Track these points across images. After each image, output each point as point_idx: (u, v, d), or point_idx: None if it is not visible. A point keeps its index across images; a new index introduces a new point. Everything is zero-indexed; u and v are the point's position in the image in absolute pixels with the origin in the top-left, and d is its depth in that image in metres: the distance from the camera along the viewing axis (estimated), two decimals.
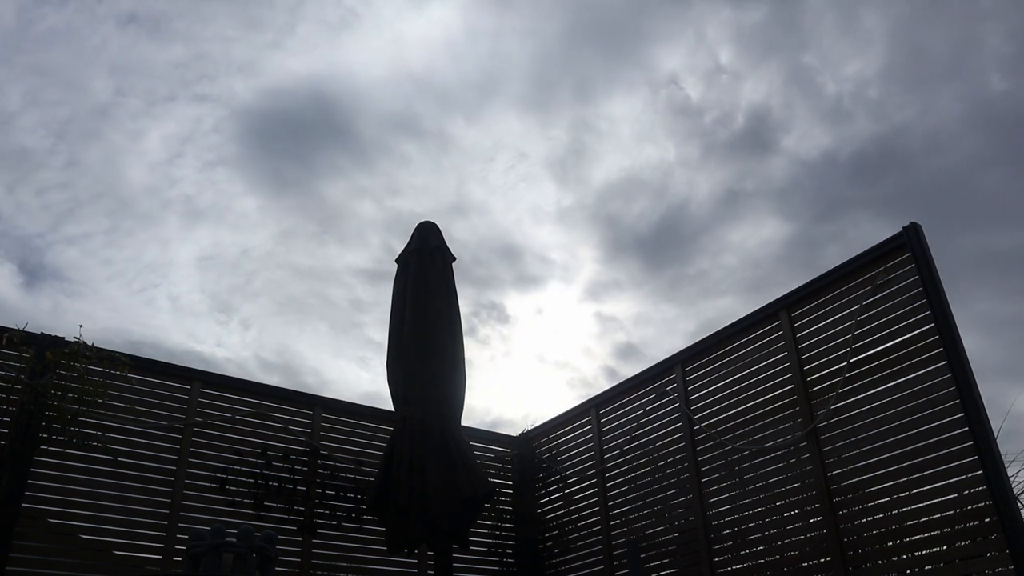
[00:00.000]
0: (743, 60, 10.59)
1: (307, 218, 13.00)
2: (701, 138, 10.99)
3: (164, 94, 11.60)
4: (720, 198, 11.23)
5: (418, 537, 4.48)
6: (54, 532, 4.67)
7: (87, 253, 12.48)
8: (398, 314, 5.08)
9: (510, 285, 13.28)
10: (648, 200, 11.56)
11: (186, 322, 13.62)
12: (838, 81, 10.30)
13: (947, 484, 3.95)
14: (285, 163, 12.19)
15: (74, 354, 4.55)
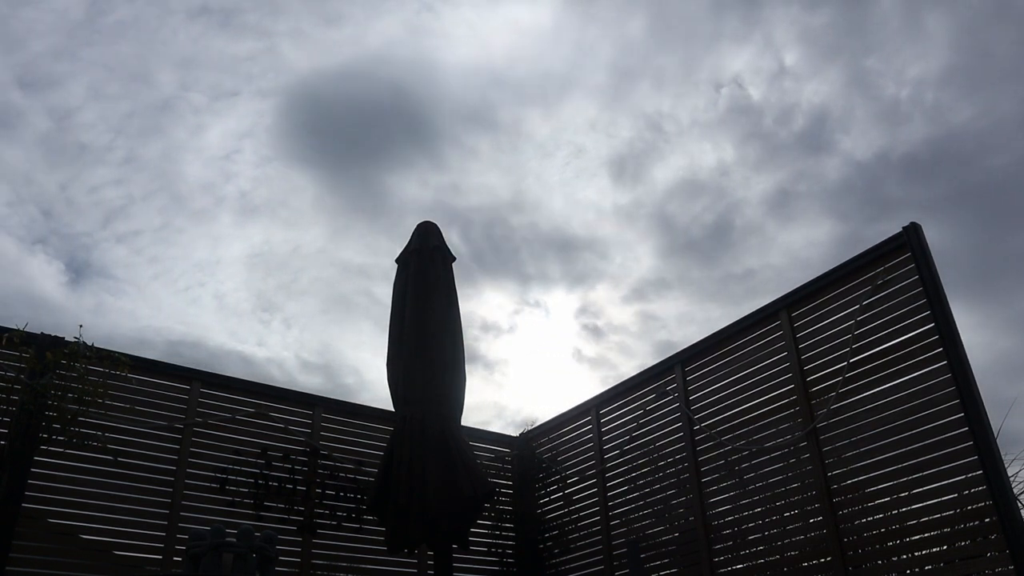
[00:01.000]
0: (807, 62, 10.61)
1: (363, 214, 12.83)
2: (760, 139, 10.99)
3: (228, 88, 11.40)
4: (773, 198, 11.22)
5: (418, 537, 4.48)
6: (54, 532, 4.67)
7: (135, 251, 12.37)
8: (398, 314, 5.08)
9: (558, 281, 13.16)
10: (703, 199, 11.54)
11: (229, 321, 13.56)
12: (898, 83, 10.32)
13: (947, 484, 3.95)
14: (347, 159, 12.02)
15: (74, 354, 4.55)
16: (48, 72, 10.92)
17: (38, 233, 12.35)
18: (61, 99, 11.18)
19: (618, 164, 11.75)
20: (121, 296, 12.94)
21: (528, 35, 11.16)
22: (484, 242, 12.79)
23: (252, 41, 11.22)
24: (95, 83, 11.09)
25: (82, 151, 11.26)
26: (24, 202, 11.84)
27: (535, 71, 11.41)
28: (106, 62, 10.96)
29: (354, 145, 11.84)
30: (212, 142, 11.72)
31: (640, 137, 11.43)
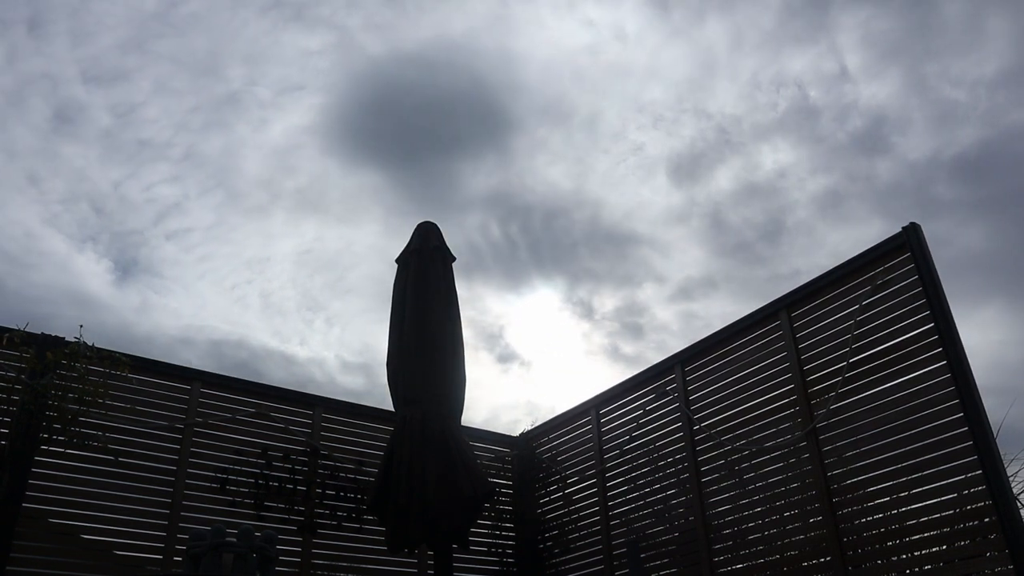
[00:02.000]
0: (867, 64, 10.61)
1: (423, 209, 12.69)
2: (816, 140, 10.98)
3: (295, 82, 11.26)
4: (825, 199, 11.20)
5: (418, 537, 4.48)
6: (55, 532, 4.68)
7: (184, 249, 12.29)
8: (398, 314, 5.08)
9: (606, 278, 13.07)
10: (757, 200, 11.53)
11: (273, 320, 13.49)
12: (956, 85, 10.31)
13: (947, 484, 3.95)
14: (413, 154, 11.90)
15: (74, 354, 4.55)
16: (115, 66, 10.77)
17: (88, 231, 12.26)
18: (125, 94, 11.02)
19: (676, 163, 11.72)
20: (166, 294, 12.85)
21: (603, 34, 11.12)
22: (542, 235, 12.64)
23: (323, 34, 11.05)
24: (162, 77, 10.94)
25: (141, 147, 11.13)
26: (77, 199, 11.76)
27: (606, 68, 11.36)
28: (175, 56, 10.80)
29: (421, 140, 11.73)
30: (274, 137, 11.58)
31: (701, 137, 11.43)
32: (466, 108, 11.54)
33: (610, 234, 12.50)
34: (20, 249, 11.71)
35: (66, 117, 11.08)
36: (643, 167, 11.90)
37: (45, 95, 10.94)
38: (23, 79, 10.76)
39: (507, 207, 12.11)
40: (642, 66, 11.28)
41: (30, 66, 10.66)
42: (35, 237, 11.91)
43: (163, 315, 12.98)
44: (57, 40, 10.53)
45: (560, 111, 11.79)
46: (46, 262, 12.01)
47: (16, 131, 10.99)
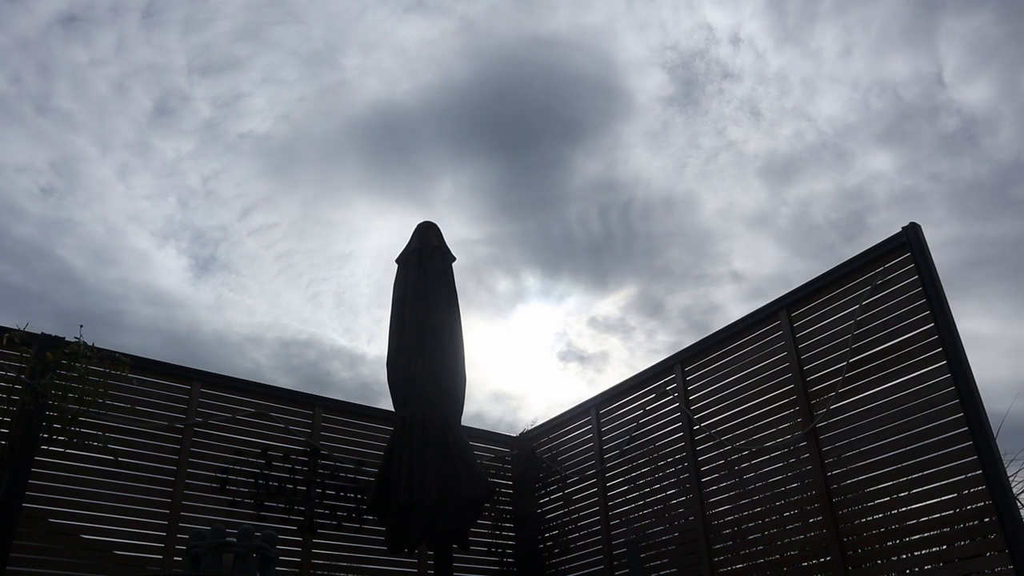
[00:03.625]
0: (963, 67, 10.51)
1: (522, 201, 12.42)
2: (907, 141, 10.91)
3: (407, 71, 11.01)
4: (908, 199, 11.11)
5: (418, 537, 4.48)
6: (55, 532, 4.68)
7: (266, 245, 12.07)
8: (398, 314, 5.08)
9: (683, 276, 12.92)
10: (839, 200, 11.44)
11: (344, 318, 13.28)
12: None
13: (946, 484, 3.95)
14: (519, 148, 11.75)
15: (74, 354, 4.54)
16: (225, 55, 10.58)
17: (172, 227, 12.08)
18: (231, 84, 10.81)
19: (770, 161, 11.65)
20: (241, 292, 12.73)
21: (720, 34, 11.08)
22: (630, 228, 12.50)
23: (443, 23, 10.85)
24: (271, 67, 10.72)
25: (239, 140, 10.91)
26: (165, 194, 11.60)
27: (714, 67, 11.30)
28: (289, 44, 10.58)
29: (527, 134, 11.56)
30: (380, 127, 11.46)
31: (798, 136, 11.36)
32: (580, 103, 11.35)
33: (695, 230, 12.36)
34: (100, 246, 11.62)
35: (166, 109, 10.90)
36: (736, 164, 11.81)
37: (147, 86, 10.76)
38: (128, 69, 10.55)
39: (606, 198, 11.99)
40: (749, 66, 11.22)
41: (137, 55, 10.47)
42: (117, 233, 11.80)
43: (236, 313, 12.87)
44: (169, 28, 10.31)
45: (664, 106, 11.70)
46: (125, 259, 11.92)
47: (114, 123, 10.86)
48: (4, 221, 11.11)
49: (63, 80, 10.52)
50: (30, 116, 10.52)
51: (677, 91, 11.55)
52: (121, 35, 10.35)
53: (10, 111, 10.45)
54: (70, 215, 11.59)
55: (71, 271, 11.59)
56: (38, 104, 10.58)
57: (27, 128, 10.62)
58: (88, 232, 11.64)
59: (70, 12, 10.05)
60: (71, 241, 11.62)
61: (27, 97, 10.44)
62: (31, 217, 11.28)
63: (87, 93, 10.57)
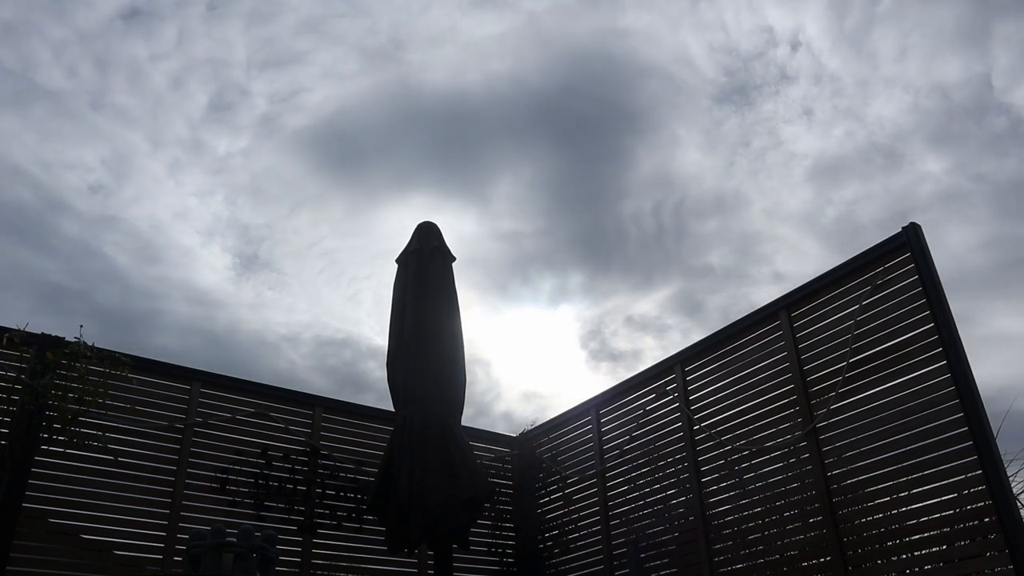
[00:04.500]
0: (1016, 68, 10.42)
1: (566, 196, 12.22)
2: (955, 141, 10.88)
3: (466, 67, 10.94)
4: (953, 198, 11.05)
5: (418, 537, 4.48)
6: (55, 532, 4.68)
7: (311, 242, 11.85)
8: (398, 314, 5.08)
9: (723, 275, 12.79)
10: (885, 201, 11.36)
11: (383, 316, 13.29)
12: None
13: (946, 484, 3.95)
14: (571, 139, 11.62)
15: (74, 354, 4.55)
16: (286, 49, 10.44)
17: (219, 223, 11.91)
18: (290, 79, 10.62)
19: (818, 161, 11.63)
20: (282, 290, 12.59)
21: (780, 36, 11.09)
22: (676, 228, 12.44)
23: (508, 18, 10.71)
24: (332, 61, 10.54)
25: (294, 135, 10.73)
26: (213, 191, 11.44)
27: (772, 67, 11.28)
28: (352, 38, 10.41)
29: (589, 128, 11.43)
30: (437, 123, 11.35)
31: (849, 137, 11.31)
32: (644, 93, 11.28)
33: (742, 230, 12.28)
34: (144, 243, 11.55)
35: (221, 104, 10.75)
36: (785, 164, 11.76)
37: (204, 81, 10.61)
38: (187, 63, 10.37)
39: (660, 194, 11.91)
40: (805, 68, 11.20)
41: (197, 49, 10.32)
42: (162, 230, 11.71)
43: (275, 312, 12.74)
44: (232, 21, 10.20)
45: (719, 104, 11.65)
46: (168, 256, 11.83)
47: (168, 118, 10.75)
48: (52, 219, 11.03)
49: (120, 75, 10.42)
50: (84, 112, 10.43)
51: (734, 90, 11.51)
52: (183, 28, 10.23)
53: (64, 107, 10.36)
54: (117, 212, 11.51)
55: (114, 269, 11.52)
56: (94, 100, 10.49)
57: (80, 124, 10.53)
58: (133, 229, 11.56)
59: (133, 6, 9.93)
60: (116, 239, 11.54)
61: (83, 92, 10.35)
62: (78, 215, 11.19)
63: (143, 88, 10.48)
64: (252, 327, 12.94)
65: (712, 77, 11.49)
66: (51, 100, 10.36)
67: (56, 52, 10.02)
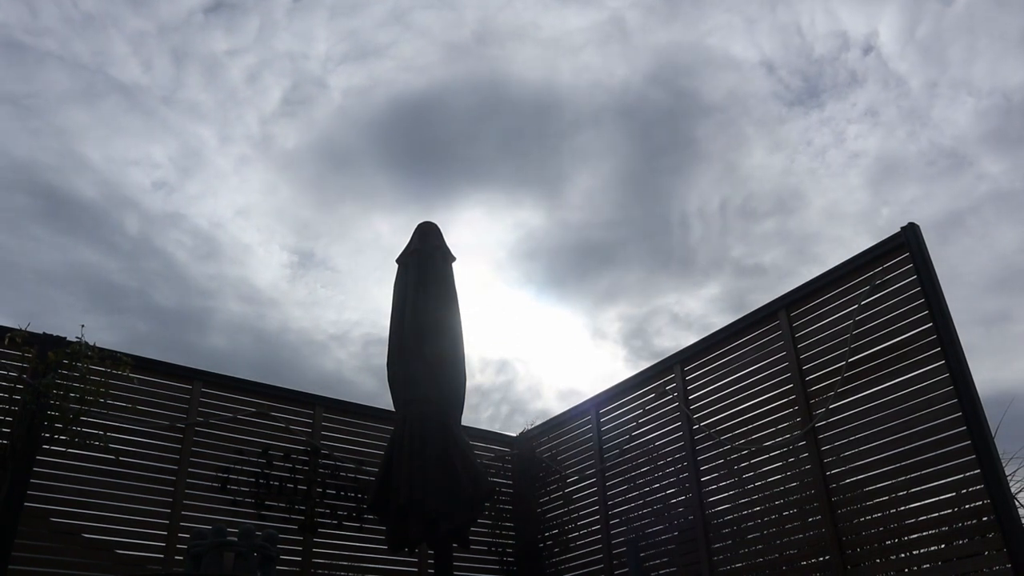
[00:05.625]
0: None
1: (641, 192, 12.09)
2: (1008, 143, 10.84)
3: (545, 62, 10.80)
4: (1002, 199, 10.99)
5: (418, 536, 4.49)
6: (56, 531, 4.70)
7: (372, 239, 11.69)
8: (398, 314, 5.09)
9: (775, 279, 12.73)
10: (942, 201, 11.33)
11: None
12: None
13: (945, 483, 3.97)
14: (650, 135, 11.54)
15: (76, 354, 4.57)
16: (367, 42, 10.26)
17: (280, 220, 11.69)
18: (368, 72, 10.42)
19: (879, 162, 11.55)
20: (335, 288, 12.40)
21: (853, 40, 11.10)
22: (739, 226, 12.40)
23: (592, 15, 10.56)
24: (411, 55, 10.32)
25: (367, 130, 10.59)
26: (278, 187, 11.23)
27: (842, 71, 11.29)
28: (436, 30, 10.20)
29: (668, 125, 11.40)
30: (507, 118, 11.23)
31: (911, 138, 11.28)
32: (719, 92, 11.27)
33: (799, 230, 12.24)
34: (203, 240, 11.44)
35: (295, 99, 10.51)
36: (847, 164, 11.72)
37: (280, 75, 10.39)
38: (266, 57, 10.16)
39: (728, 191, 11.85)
40: (875, 70, 11.20)
41: (277, 43, 10.12)
42: (223, 227, 11.56)
43: (326, 310, 12.58)
44: (316, 14, 9.98)
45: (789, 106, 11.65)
46: (225, 253, 11.71)
47: (239, 112, 10.60)
48: (116, 216, 10.94)
49: (196, 69, 10.29)
50: (155, 107, 10.33)
51: (803, 91, 11.46)
52: (264, 22, 10.08)
53: (137, 102, 10.27)
54: (179, 209, 11.40)
55: (172, 267, 11.44)
56: (167, 94, 10.40)
57: (151, 119, 10.43)
58: (193, 226, 11.45)
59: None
60: (176, 236, 11.44)
61: (156, 87, 10.26)
62: (142, 212, 11.08)
63: (218, 82, 10.36)
64: (301, 325, 12.86)
65: (783, 77, 11.50)
66: (124, 94, 10.25)
67: (134, 45, 9.92)
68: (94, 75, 10.03)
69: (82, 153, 10.51)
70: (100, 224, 10.98)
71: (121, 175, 10.83)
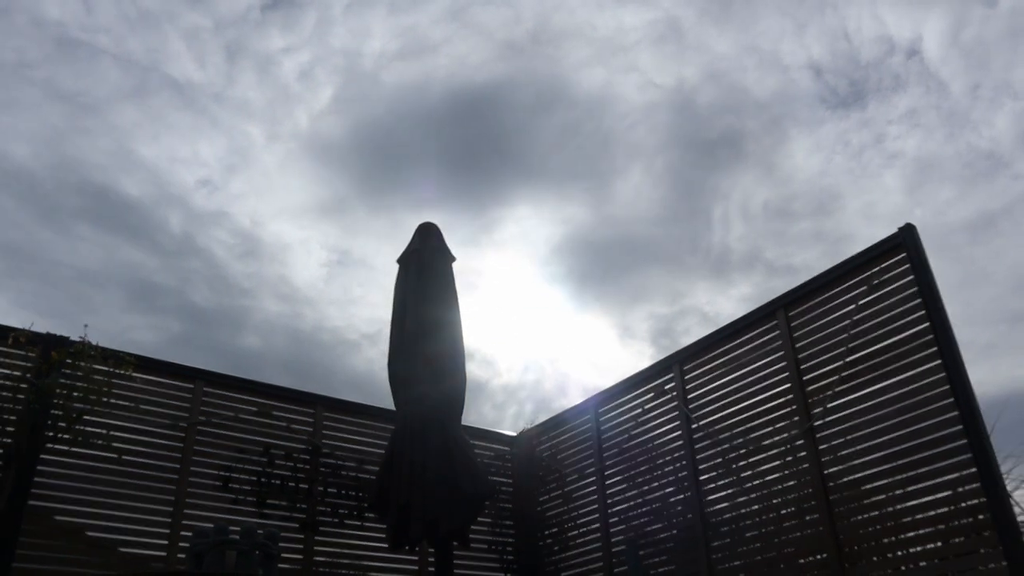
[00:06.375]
0: None
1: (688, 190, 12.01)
2: None
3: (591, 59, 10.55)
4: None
5: (419, 535, 4.52)
6: (60, 529, 4.72)
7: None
8: (399, 314, 5.12)
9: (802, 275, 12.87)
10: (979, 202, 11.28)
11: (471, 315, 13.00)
12: None
13: (941, 482, 3.99)
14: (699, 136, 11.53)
15: (79, 353, 4.60)
16: (424, 38, 10.11)
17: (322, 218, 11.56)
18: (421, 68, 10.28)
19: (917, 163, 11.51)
20: (370, 286, 12.23)
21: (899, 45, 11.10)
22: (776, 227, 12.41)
23: (647, 14, 10.50)
24: (468, 51, 10.22)
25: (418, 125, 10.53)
26: (323, 184, 11.11)
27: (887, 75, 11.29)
28: (489, 28, 10.09)
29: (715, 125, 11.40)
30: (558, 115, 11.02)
31: (950, 140, 11.24)
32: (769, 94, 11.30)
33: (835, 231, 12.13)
34: (243, 238, 11.32)
35: (346, 96, 10.36)
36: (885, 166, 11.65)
37: (333, 72, 10.23)
38: (320, 54, 10.01)
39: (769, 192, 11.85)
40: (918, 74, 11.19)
41: (332, 39, 9.97)
42: (263, 225, 11.43)
43: (360, 308, 12.43)
44: (375, 10, 9.89)
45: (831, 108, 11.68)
46: (264, 252, 11.56)
47: (290, 109, 10.37)
48: (161, 215, 10.87)
49: (248, 66, 10.13)
50: (206, 104, 10.23)
51: (846, 94, 11.46)
52: (321, 18, 9.88)
53: (187, 99, 10.16)
54: (222, 206, 11.29)
55: (212, 265, 11.35)
56: (218, 92, 10.30)
57: (201, 117, 10.32)
58: (235, 225, 11.34)
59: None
60: (218, 234, 11.36)
61: (208, 84, 10.17)
62: (185, 210, 10.98)
63: (270, 79, 10.22)
64: (335, 324, 12.75)
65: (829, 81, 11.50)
66: (175, 91, 10.16)
67: (188, 41, 9.85)
68: (146, 72, 10.00)
69: (130, 151, 10.50)
70: (145, 222, 10.97)
71: (167, 173, 10.81)
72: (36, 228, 10.56)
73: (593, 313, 13.35)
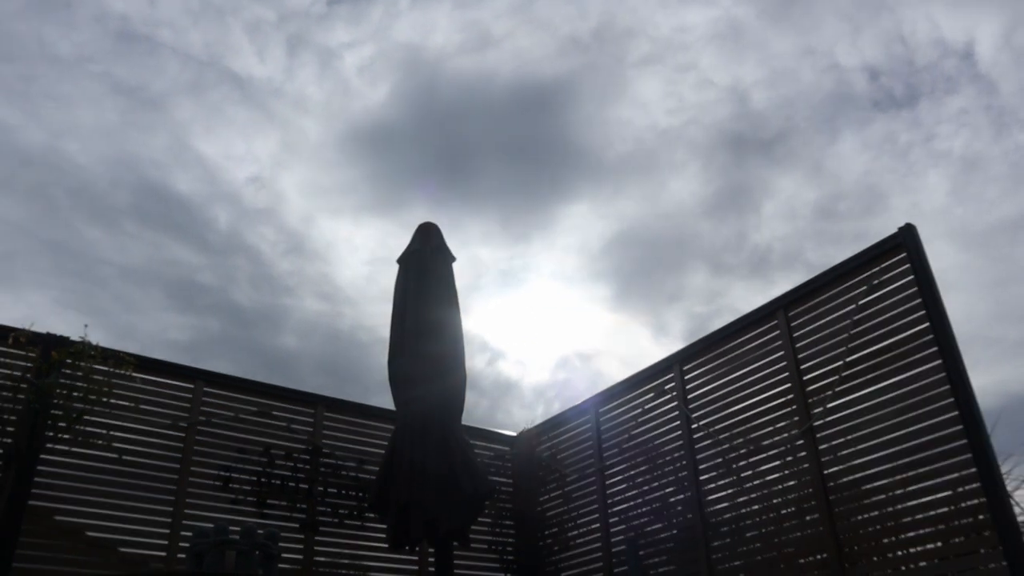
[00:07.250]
0: None
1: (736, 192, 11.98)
2: None
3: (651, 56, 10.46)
4: None
5: (419, 535, 4.52)
6: (60, 529, 4.73)
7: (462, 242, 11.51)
8: (399, 314, 5.12)
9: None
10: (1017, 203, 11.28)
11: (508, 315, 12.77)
12: None
13: (941, 482, 3.99)
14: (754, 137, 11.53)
15: (79, 353, 4.60)
16: (482, 33, 10.01)
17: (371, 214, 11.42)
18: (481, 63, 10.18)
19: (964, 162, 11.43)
20: None
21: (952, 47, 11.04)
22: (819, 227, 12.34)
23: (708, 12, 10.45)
24: (531, 46, 10.12)
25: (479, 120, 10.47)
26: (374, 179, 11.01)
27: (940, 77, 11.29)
28: (554, 23, 9.92)
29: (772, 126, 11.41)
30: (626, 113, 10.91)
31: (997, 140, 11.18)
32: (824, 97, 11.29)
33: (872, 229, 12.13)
34: (288, 235, 11.16)
35: (402, 92, 10.25)
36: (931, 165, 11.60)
37: (392, 67, 10.10)
38: (381, 49, 9.88)
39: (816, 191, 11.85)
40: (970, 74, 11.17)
41: (394, 34, 9.83)
42: (311, 222, 11.24)
43: None
44: (441, 5, 9.77)
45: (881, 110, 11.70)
46: (309, 249, 11.36)
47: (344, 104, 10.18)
48: (210, 213, 10.73)
49: (309, 59, 9.95)
50: (264, 99, 10.11)
51: (902, 96, 11.46)
52: (387, 11, 9.74)
53: (245, 94, 10.01)
54: (269, 204, 11.16)
55: (256, 263, 11.21)
56: (276, 86, 10.17)
57: (256, 112, 10.17)
58: (281, 223, 11.22)
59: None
60: (264, 232, 11.20)
61: (267, 79, 10.05)
62: (234, 207, 10.85)
63: (329, 74, 10.06)
64: (373, 322, 12.60)
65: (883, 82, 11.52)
66: (234, 85, 10.03)
67: (250, 34, 9.73)
68: (205, 67, 9.90)
69: (184, 146, 10.42)
70: (193, 219, 10.88)
71: (219, 170, 10.72)
72: (86, 226, 10.48)
73: (631, 311, 13.31)
